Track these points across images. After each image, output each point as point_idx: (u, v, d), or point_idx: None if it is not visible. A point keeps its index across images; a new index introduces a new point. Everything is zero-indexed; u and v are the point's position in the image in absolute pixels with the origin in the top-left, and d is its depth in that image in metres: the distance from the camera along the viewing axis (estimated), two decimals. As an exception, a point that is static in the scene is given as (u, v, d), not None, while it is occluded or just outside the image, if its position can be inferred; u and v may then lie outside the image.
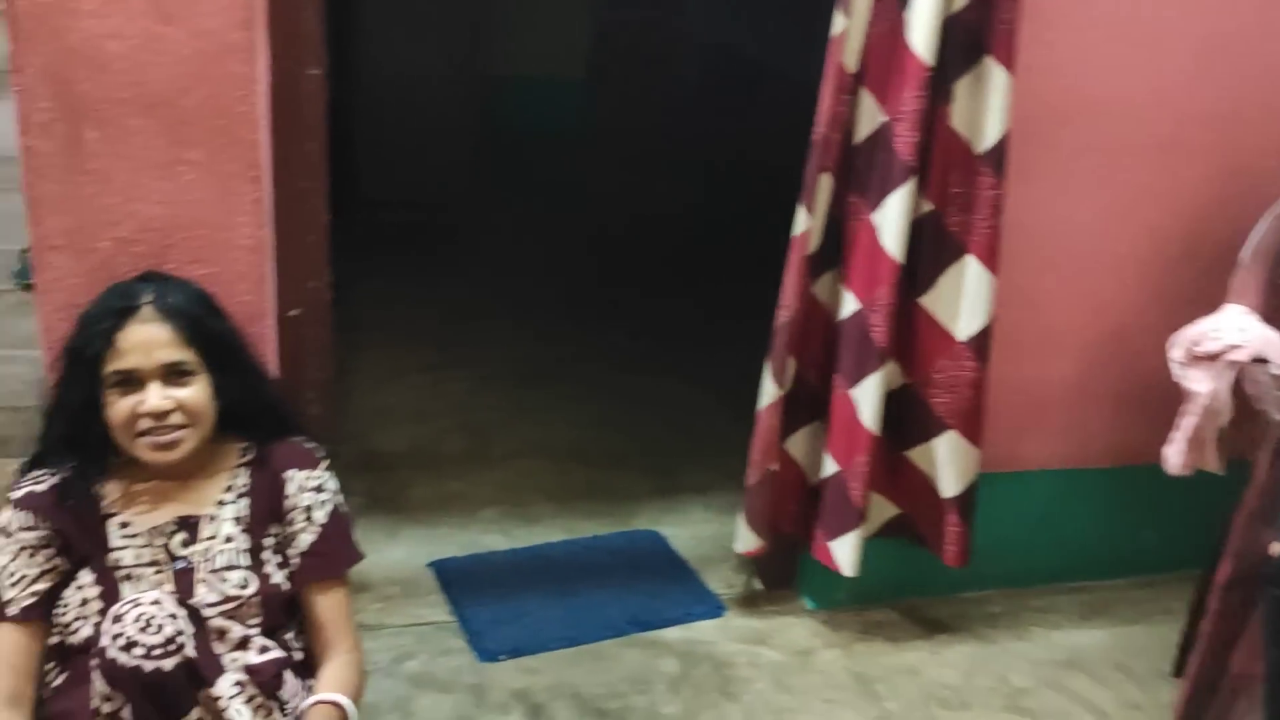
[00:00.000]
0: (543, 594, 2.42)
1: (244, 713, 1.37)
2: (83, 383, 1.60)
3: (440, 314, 4.03)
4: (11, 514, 1.63)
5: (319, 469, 1.76)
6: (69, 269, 1.77)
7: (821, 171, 2.12)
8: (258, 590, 1.65)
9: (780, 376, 2.23)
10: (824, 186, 2.14)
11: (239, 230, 1.83)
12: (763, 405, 2.27)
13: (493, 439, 3.15)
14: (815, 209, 2.15)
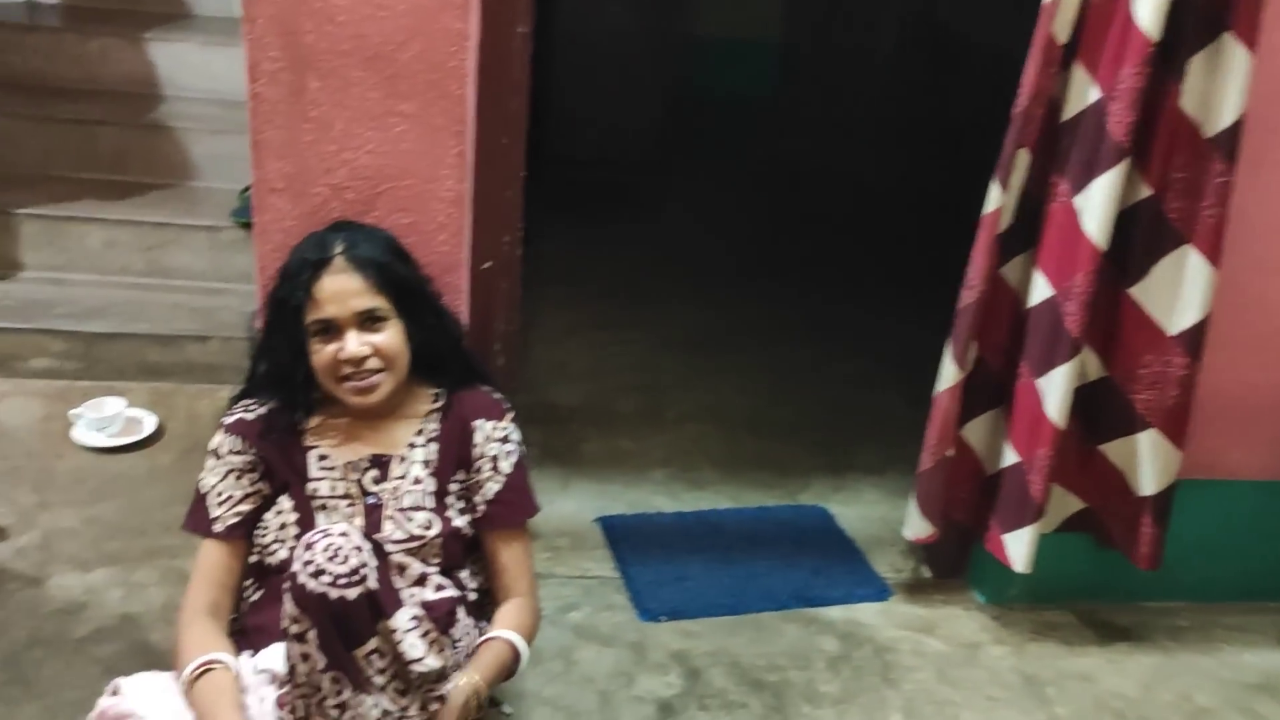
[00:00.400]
0: (706, 559, 2.42)
1: (418, 646, 1.41)
2: (287, 330, 1.69)
3: (620, 274, 4.06)
4: (222, 438, 1.73)
5: (505, 420, 1.81)
6: (286, 211, 1.86)
7: (1020, 147, 2.02)
8: (440, 532, 1.72)
9: (962, 359, 2.15)
10: (1021, 163, 2.04)
11: (442, 182, 1.88)
12: (942, 388, 2.19)
13: (665, 401, 3.17)
14: (1010, 186, 2.05)
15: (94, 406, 2.64)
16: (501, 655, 1.65)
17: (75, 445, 2.60)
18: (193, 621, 1.64)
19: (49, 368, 2.86)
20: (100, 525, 2.33)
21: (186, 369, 2.91)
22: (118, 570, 2.19)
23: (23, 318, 2.87)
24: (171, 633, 1.79)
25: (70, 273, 3.10)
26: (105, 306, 2.97)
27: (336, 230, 1.71)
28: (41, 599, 2.09)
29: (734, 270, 4.26)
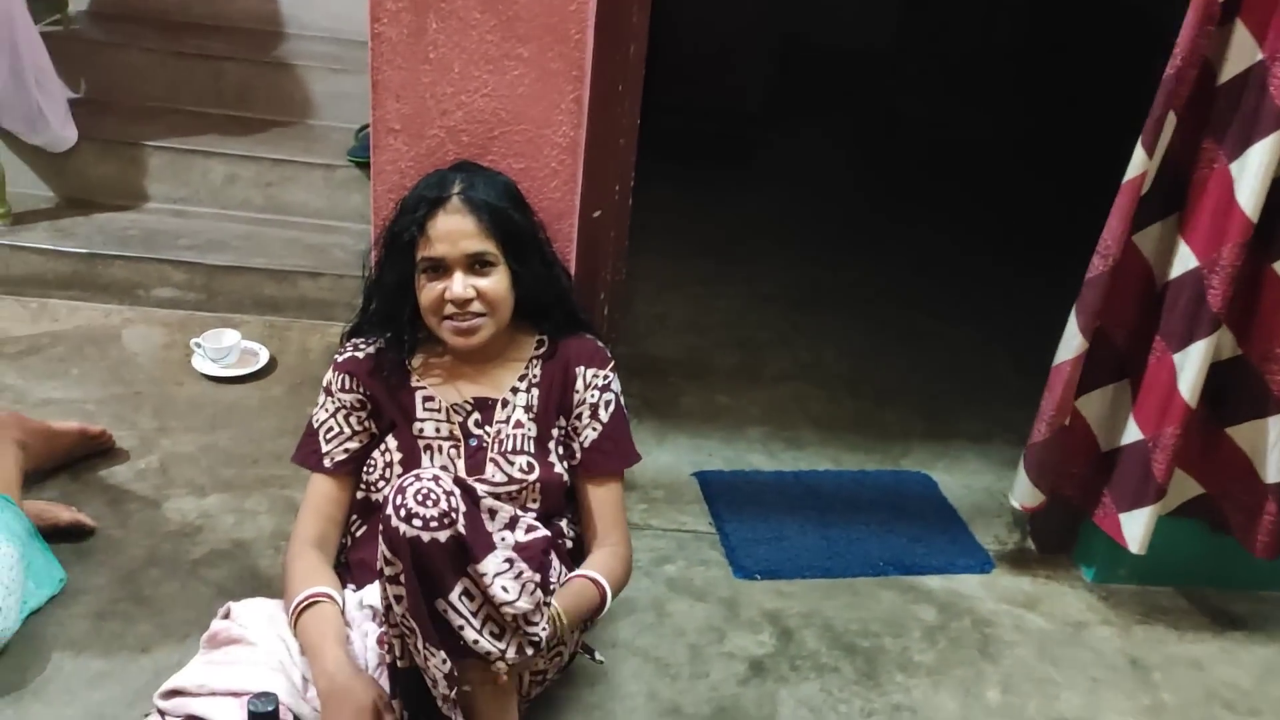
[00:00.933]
0: (803, 520, 2.40)
1: (511, 589, 1.43)
2: (398, 265, 1.71)
3: (724, 228, 4.02)
4: (334, 375, 1.77)
5: (607, 368, 1.80)
6: (402, 152, 1.87)
7: (1169, 109, 1.91)
8: (539, 477, 1.73)
9: (1089, 329, 2.07)
10: (1169, 127, 1.93)
11: (557, 128, 1.86)
12: (1064, 357, 2.11)
13: (765, 358, 3.14)
14: (1156, 151, 1.94)
15: (212, 337, 2.72)
16: (585, 593, 1.66)
17: (194, 373, 2.68)
18: (301, 553, 1.69)
19: (171, 297, 2.96)
20: (215, 452, 2.41)
21: (300, 304, 2.98)
22: (231, 497, 2.27)
23: (148, 247, 2.97)
24: (280, 560, 1.86)
25: (193, 205, 3.19)
26: (225, 240, 3.06)
27: (458, 170, 1.72)
28: (159, 520, 2.18)
29: (841, 227, 4.17)
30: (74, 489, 2.22)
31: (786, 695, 1.93)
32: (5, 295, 2.92)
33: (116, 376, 2.65)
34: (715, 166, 4.61)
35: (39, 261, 2.92)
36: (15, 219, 2.99)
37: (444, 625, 1.41)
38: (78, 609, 1.93)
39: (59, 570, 1.97)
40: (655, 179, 2.78)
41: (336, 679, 1.51)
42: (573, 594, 1.65)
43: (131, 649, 1.86)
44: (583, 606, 1.66)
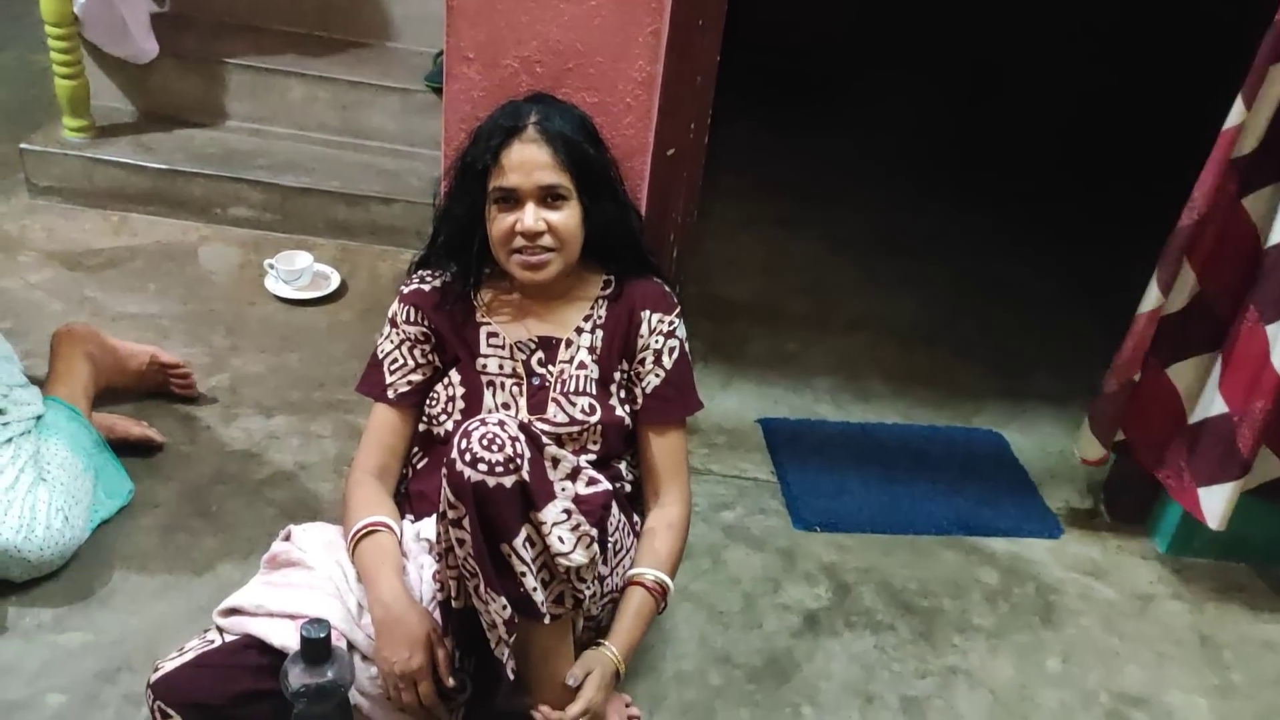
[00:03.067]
0: (867, 474, 2.35)
1: (567, 540, 1.41)
2: (469, 194, 1.67)
3: (802, 169, 3.92)
4: (399, 307, 1.75)
5: (673, 314, 1.77)
6: (475, 81, 1.83)
7: (1276, 61, 1.78)
8: (601, 419, 1.70)
9: (1168, 282, 1.97)
10: (1275, 80, 1.81)
11: (633, 62, 1.80)
12: (1143, 310, 2.02)
13: (837, 305, 3.07)
14: (1258, 105, 1.82)
15: (285, 259, 2.74)
16: (648, 612, 1.65)
17: (266, 294, 2.71)
18: (362, 482, 1.70)
19: (247, 217, 2.98)
20: (284, 374, 2.43)
21: (371, 229, 2.98)
22: (297, 419, 2.29)
23: (226, 166, 2.98)
24: (342, 486, 1.87)
25: (271, 125, 3.20)
26: (301, 161, 3.06)
27: (534, 101, 1.68)
28: (226, 439, 2.21)
29: (925, 172, 4.04)
30: (147, 404, 2.26)
31: (839, 650, 1.90)
32: (88, 208, 2.97)
33: (192, 293, 2.69)
34: (797, 106, 4.49)
35: (121, 175, 2.95)
36: (98, 132, 3.02)
37: (506, 571, 1.40)
38: (145, 522, 1.97)
39: (128, 482, 2.02)
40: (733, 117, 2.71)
41: (392, 608, 1.52)
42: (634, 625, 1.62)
43: (195, 564, 1.90)
44: (645, 628, 1.65)
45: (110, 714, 1.62)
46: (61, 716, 1.61)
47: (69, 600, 1.80)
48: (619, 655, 1.60)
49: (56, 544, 1.79)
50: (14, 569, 1.76)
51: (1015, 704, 1.85)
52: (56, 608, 1.78)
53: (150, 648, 1.72)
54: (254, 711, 1.49)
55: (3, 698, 1.62)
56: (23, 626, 1.75)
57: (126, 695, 1.64)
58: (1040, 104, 4.76)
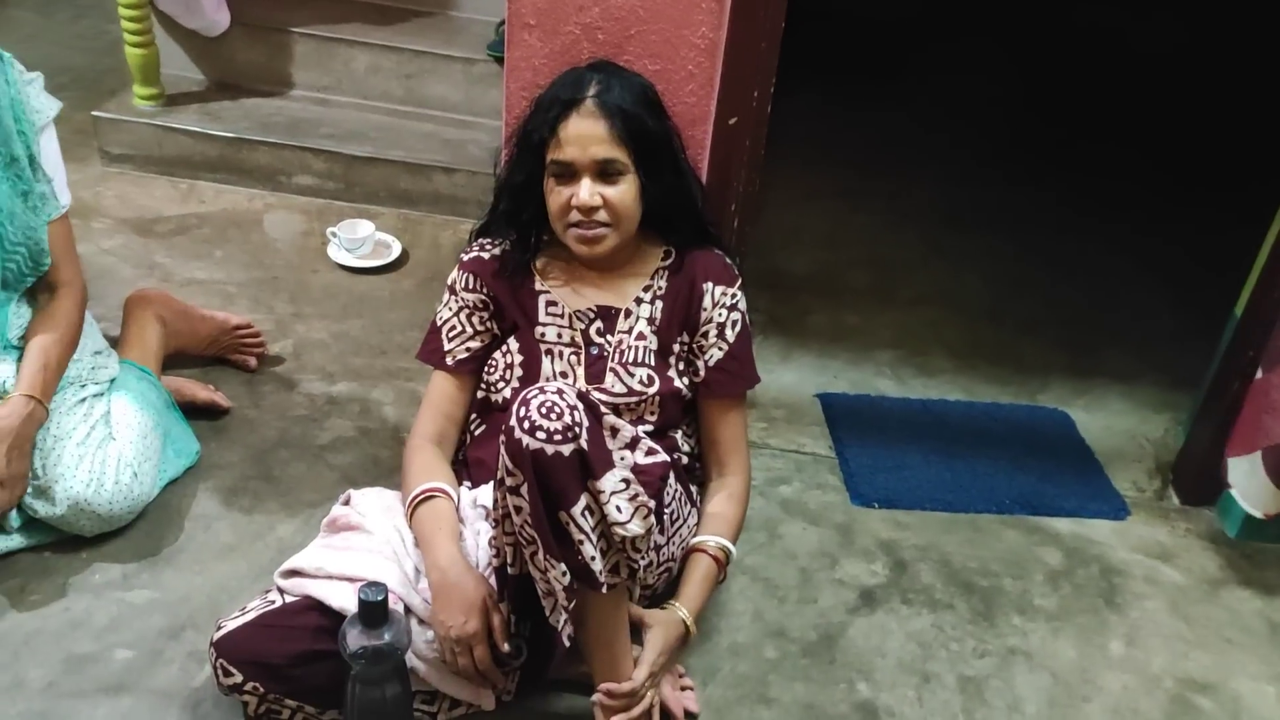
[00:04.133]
0: (928, 451, 2.32)
1: (625, 510, 1.41)
2: (527, 165, 1.67)
3: (867, 140, 3.86)
4: (458, 274, 1.76)
5: (735, 286, 1.75)
6: (537, 49, 1.82)
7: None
8: (659, 390, 1.70)
9: None
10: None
11: (696, 29, 1.78)
12: None
13: (901, 279, 3.02)
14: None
15: (348, 227, 2.77)
16: (712, 577, 1.68)
17: (329, 262, 2.74)
18: (420, 448, 1.71)
19: (311, 185, 3.01)
20: (346, 340, 2.46)
21: (433, 198, 3.00)
22: (358, 385, 2.32)
23: (291, 134, 3.01)
24: (401, 452, 1.88)
25: (335, 94, 3.22)
26: (364, 130, 3.08)
27: (595, 70, 1.66)
28: (290, 403, 2.24)
29: (994, 144, 3.96)
30: (213, 368, 2.30)
31: (896, 628, 1.88)
32: (158, 175, 3.03)
33: (257, 260, 2.73)
34: (864, 75, 4.41)
35: (189, 143, 3.00)
36: (168, 100, 3.07)
37: (565, 539, 1.40)
38: (211, 483, 2.01)
39: (195, 443, 2.06)
40: (796, 88, 2.66)
41: (448, 573, 1.53)
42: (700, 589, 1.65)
43: (257, 525, 1.94)
44: (710, 593, 1.68)
45: (175, 670, 1.66)
46: (129, 671, 1.65)
47: (137, 558, 1.84)
48: (689, 616, 1.61)
49: (125, 499, 1.83)
50: (84, 522, 1.81)
51: (1076, 686, 1.82)
52: (125, 564, 1.83)
53: (213, 606, 1.76)
54: (313, 671, 1.51)
55: (74, 651, 1.67)
56: (93, 583, 1.79)
57: (190, 652, 1.68)
58: (1110, 74, 4.63)
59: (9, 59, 1.80)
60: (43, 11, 4.00)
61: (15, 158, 1.79)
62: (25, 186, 1.81)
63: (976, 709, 1.75)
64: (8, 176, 1.78)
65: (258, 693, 1.52)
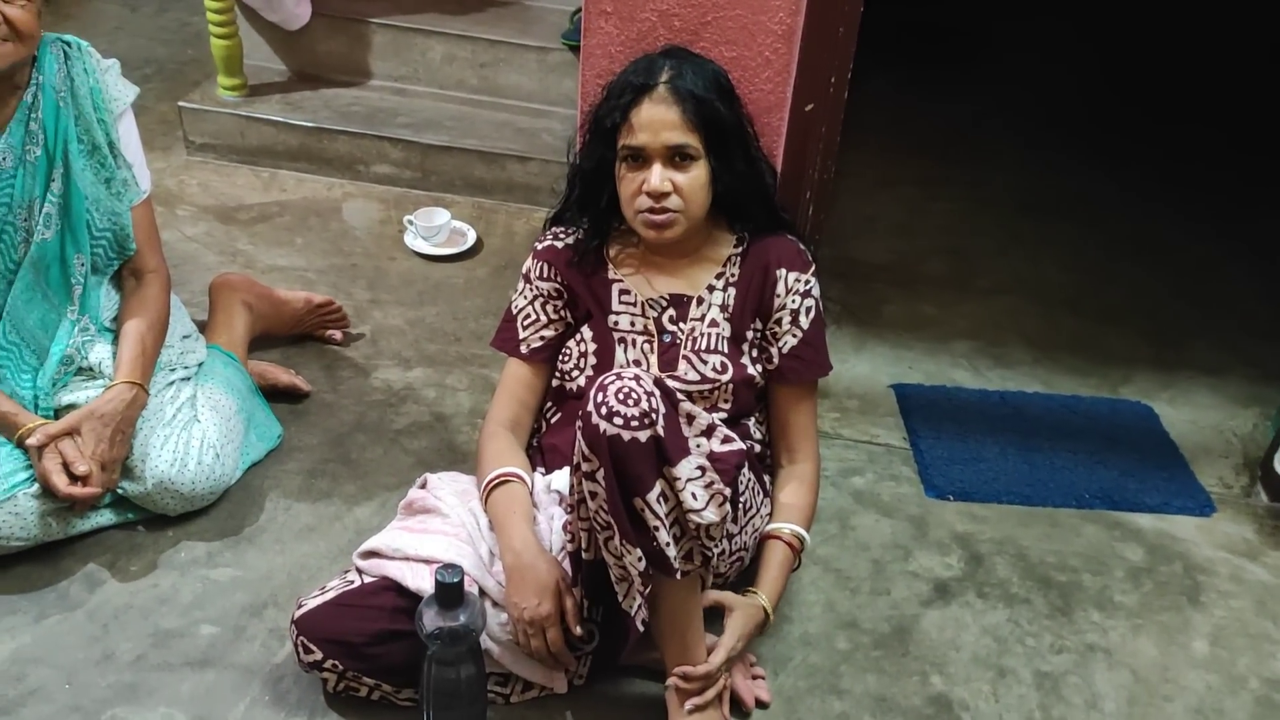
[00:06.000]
0: (1005, 443, 2.28)
1: (700, 497, 1.41)
2: (599, 151, 1.68)
3: (945, 127, 3.79)
4: (533, 263, 1.77)
5: (809, 273, 1.74)
6: (613, 36, 1.82)
7: None
8: (732, 378, 1.70)
9: None
10: None
11: (773, 14, 1.77)
12: None
13: (978, 268, 2.97)
14: None
15: (424, 215, 2.80)
16: (788, 564, 1.69)
17: (405, 249, 2.78)
18: (495, 434, 1.73)
19: (388, 174, 3.05)
20: (421, 327, 2.50)
21: (507, 187, 3.02)
22: (433, 371, 2.35)
23: (369, 124, 3.06)
24: (475, 437, 1.91)
25: (412, 84, 3.26)
26: (440, 120, 3.11)
27: (668, 56, 1.66)
28: (367, 388, 2.28)
29: (1075, 129, 3.86)
30: (293, 353, 2.35)
31: (971, 622, 1.86)
32: (241, 164, 3.09)
33: (336, 248, 2.78)
34: (943, 59, 4.34)
35: (271, 133, 3.06)
36: (250, 91, 3.14)
37: (640, 524, 1.41)
38: (291, 465, 2.06)
39: (277, 426, 2.11)
40: (871, 73, 2.63)
41: (523, 556, 1.55)
42: (777, 575, 1.66)
43: (337, 507, 1.98)
44: (786, 579, 1.69)
45: (256, 646, 1.70)
46: (213, 646, 1.70)
47: (221, 536, 1.89)
48: (769, 602, 1.62)
49: (207, 479, 1.88)
50: (168, 501, 1.86)
51: (1157, 685, 1.77)
52: (210, 543, 1.88)
53: (294, 585, 1.80)
54: (390, 650, 1.54)
55: (161, 626, 1.73)
56: (179, 560, 1.85)
57: (272, 629, 1.73)
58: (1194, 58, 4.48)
59: (86, 48, 1.86)
60: (128, 4, 4.11)
61: (97, 145, 1.84)
62: (107, 173, 1.86)
63: (1054, 705, 1.72)
64: (90, 164, 1.84)
65: (336, 670, 1.55)
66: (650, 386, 1.40)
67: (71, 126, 1.81)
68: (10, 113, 1.76)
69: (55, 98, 1.79)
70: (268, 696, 1.62)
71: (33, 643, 1.68)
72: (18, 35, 1.67)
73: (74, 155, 1.81)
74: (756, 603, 1.61)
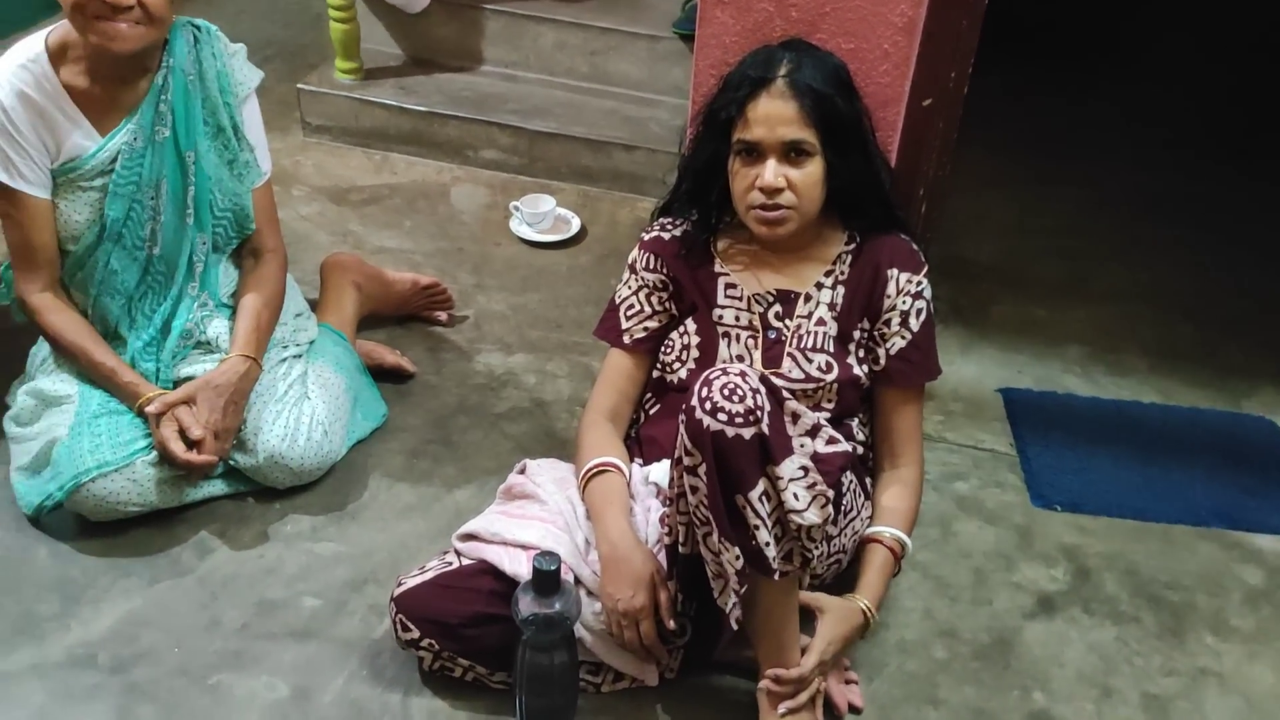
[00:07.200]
0: (1118, 455, 2.20)
1: (802, 498, 1.39)
2: (713, 144, 1.66)
3: (1064, 123, 3.66)
4: (639, 253, 1.77)
5: (921, 274, 1.70)
6: (728, 26, 1.80)
7: None
8: (837, 377, 1.67)
9: None
10: None
11: (895, 6, 1.72)
12: None
13: (1093, 271, 2.86)
14: None
15: (530, 202, 2.82)
16: (889, 569, 1.65)
17: (511, 235, 2.80)
18: (594, 423, 1.73)
19: (496, 159, 3.08)
20: (524, 313, 2.52)
21: (613, 176, 3.02)
22: (534, 357, 2.37)
23: (479, 109, 3.09)
24: (574, 425, 1.92)
25: (522, 70, 3.28)
26: (548, 107, 3.13)
27: (788, 49, 1.63)
28: (469, 372, 2.31)
29: (1201, 128, 3.70)
30: (399, 333, 2.40)
31: (1076, 638, 1.80)
32: (354, 146, 3.16)
33: (443, 231, 2.82)
34: (1068, 57, 4.19)
35: (384, 116, 3.11)
36: (366, 75, 3.20)
37: (740, 522, 1.40)
38: (395, 444, 2.10)
39: (382, 406, 2.15)
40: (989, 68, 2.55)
41: (619, 546, 1.55)
42: (878, 579, 1.62)
43: (437, 488, 2.01)
44: (887, 584, 1.66)
45: (356, 621, 1.74)
46: (315, 618, 1.74)
47: (325, 511, 1.94)
48: (871, 605, 1.59)
49: (315, 455, 1.92)
50: (278, 474, 1.91)
51: (1273, 714, 1.69)
52: (314, 517, 1.93)
53: (394, 563, 1.83)
54: (485, 632, 1.56)
55: (266, 596, 1.78)
56: (285, 533, 1.90)
57: (371, 605, 1.76)
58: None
59: (215, 32, 1.91)
60: (253, -13, 4.23)
61: (221, 127, 1.90)
62: (230, 155, 1.92)
63: (1161, 730, 1.66)
64: (215, 146, 1.90)
65: (433, 649, 1.58)
66: (756, 383, 1.38)
67: (199, 108, 1.86)
68: (141, 94, 1.83)
69: (184, 80, 1.84)
70: (365, 671, 1.66)
71: (145, 605, 1.74)
72: (150, 19, 1.72)
73: (200, 137, 1.87)
74: (854, 606, 1.58)
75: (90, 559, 1.81)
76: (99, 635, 1.69)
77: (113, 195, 1.82)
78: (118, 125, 1.82)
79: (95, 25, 1.69)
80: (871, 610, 1.59)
